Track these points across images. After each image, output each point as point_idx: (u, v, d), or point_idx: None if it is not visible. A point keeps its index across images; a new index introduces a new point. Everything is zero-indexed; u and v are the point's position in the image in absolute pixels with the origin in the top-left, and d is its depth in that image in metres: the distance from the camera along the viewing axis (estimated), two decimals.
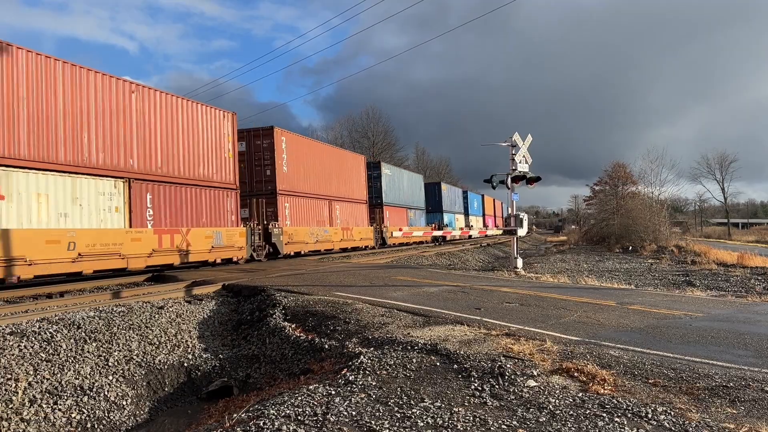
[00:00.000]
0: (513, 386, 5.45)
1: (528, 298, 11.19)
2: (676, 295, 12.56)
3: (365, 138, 70.96)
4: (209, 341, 10.13)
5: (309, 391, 5.62)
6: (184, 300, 11.84)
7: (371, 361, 6.54)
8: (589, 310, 9.74)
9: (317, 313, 9.86)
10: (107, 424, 7.33)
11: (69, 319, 9.16)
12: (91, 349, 8.42)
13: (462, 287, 12.84)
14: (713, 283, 21.66)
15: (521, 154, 19.53)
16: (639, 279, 23.33)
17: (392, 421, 4.67)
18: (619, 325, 8.40)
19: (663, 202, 50.29)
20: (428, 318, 8.96)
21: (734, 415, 4.67)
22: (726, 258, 31.01)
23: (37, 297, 12.42)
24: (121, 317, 9.61)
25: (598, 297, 11.36)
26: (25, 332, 8.30)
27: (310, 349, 8.53)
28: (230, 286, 13.27)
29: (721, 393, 5.18)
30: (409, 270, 18.35)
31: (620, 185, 62.09)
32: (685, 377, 5.65)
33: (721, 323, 8.55)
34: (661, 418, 4.56)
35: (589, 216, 77.70)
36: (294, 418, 4.86)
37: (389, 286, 13.15)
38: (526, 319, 8.88)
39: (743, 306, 10.63)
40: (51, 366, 7.71)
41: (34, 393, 7.12)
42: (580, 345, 7.04)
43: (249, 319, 11.03)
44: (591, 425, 4.46)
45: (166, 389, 8.62)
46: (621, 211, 53.72)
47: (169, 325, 9.94)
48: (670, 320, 8.79)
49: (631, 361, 6.25)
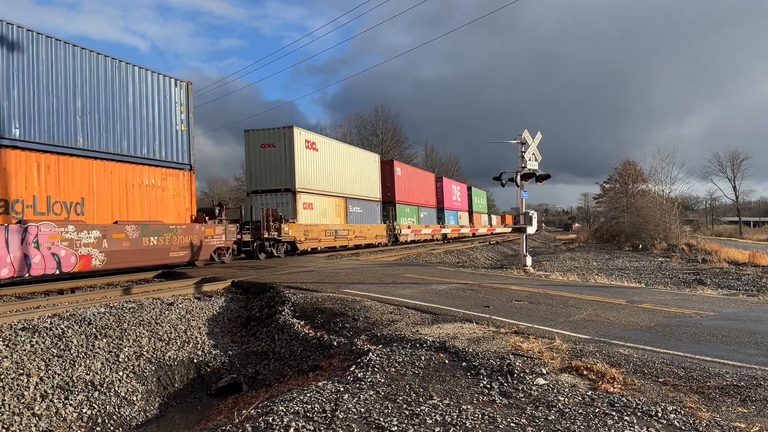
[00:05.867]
0: (522, 384, 5.44)
1: (537, 296, 11.15)
2: (687, 294, 12.46)
3: (374, 136, 70.87)
4: (218, 338, 10.18)
5: (318, 388, 5.63)
6: (194, 297, 11.91)
7: (380, 358, 6.55)
8: (598, 308, 9.69)
9: (326, 310, 9.88)
10: (117, 420, 7.39)
11: (80, 315, 9.24)
12: (102, 344, 8.49)
13: (471, 285, 12.81)
14: (724, 282, 21.50)
15: (531, 151, 19.44)
16: (649, 277, 23.20)
17: (401, 418, 4.68)
18: (628, 323, 8.36)
19: (673, 200, 49.90)
20: (437, 316, 8.95)
21: (745, 414, 4.63)
22: (737, 256, 30.75)
23: (48, 293, 12.53)
24: (132, 313, 9.68)
25: (608, 295, 11.30)
26: (37, 328, 8.38)
27: (319, 346, 8.56)
28: (239, 283, 13.32)
29: (732, 392, 5.14)
30: (417, 268, 18.33)
31: (630, 183, 61.76)
32: (695, 376, 5.61)
33: (732, 322, 8.48)
34: (671, 417, 4.53)
35: (599, 214, 77.34)
36: (303, 414, 4.87)
37: (398, 283, 13.15)
38: (535, 317, 8.85)
39: (755, 305, 10.54)
40: (62, 361, 7.79)
41: (45, 388, 7.20)
42: (590, 343, 7.01)
43: (258, 315, 11.08)
44: (600, 424, 4.44)
45: (176, 385, 8.67)
46: (631, 209, 53.40)
47: (179, 322, 10.00)
48: (680, 319, 8.73)
49: (641, 359, 6.21)
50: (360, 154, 31.85)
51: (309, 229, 24.07)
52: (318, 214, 25.67)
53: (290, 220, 22.71)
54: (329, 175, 27.07)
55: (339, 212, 27.93)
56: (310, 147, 25.30)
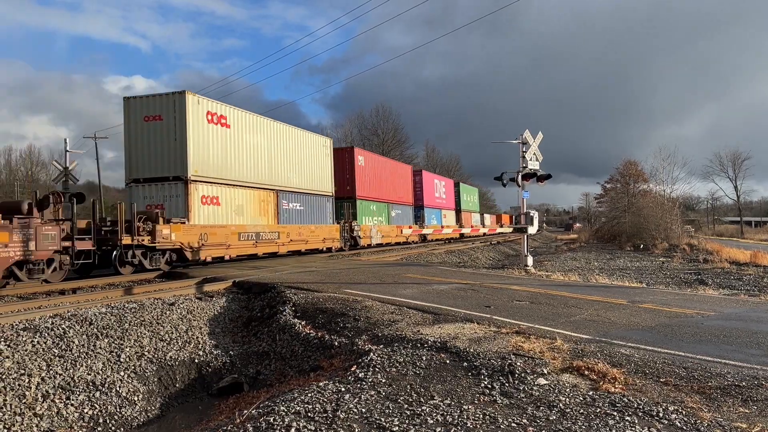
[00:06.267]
0: (523, 384, 5.44)
1: (538, 296, 11.15)
2: (688, 294, 12.46)
3: (375, 136, 70.89)
4: (220, 338, 10.19)
5: (319, 388, 5.64)
6: (195, 297, 11.91)
7: (381, 358, 6.55)
8: (599, 308, 9.69)
9: (327, 311, 9.89)
10: (119, 420, 7.39)
11: (81, 315, 9.25)
12: (103, 345, 8.50)
13: (472, 285, 12.81)
14: (725, 282, 21.48)
15: (532, 151, 19.44)
16: (650, 277, 23.18)
17: (402, 419, 4.68)
18: (630, 323, 8.35)
19: (675, 200, 49.91)
20: (438, 316, 8.95)
21: (746, 414, 4.63)
22: (738, 256, 30.74)
23: (50, 293, 12.54)
24: (133, 314, 9.69)
25: (609, 295, 11.29)
26: (38, 328, 8.39)
27: (320, 346, 8.56)
28: (241, 283, 13.32)
29: (734, 392, 5.13)
30: (418, 268, 18.34)
31: (632, 183, 61.73)
32: (696, 376, 5.61)
33: (734, 322, 8.47)
34: (673, 417, 4.53)
35: (600, 214, 77.30)
36: (304, 414, 4.88)
37: (399, 283, 13.15)
38: (537, 317, 8.85)
39: (756, 305, 10.53)
40: (63, 361, 7.79)
41: (47, 388, 7.20)
42: (591, 343, 7.00)
43: (259, 315, 11.08)
44: (601, 424, 4.43)
45: (177, 385, 8.68)
46: (632, 209, 53.38)
47: (180, 322, 10.00)
48: (681, 319, 8.72)
49: (643, 359, 6.21)
50: (302, 137, 24.95)
51: (209, 231, 17.96)
52: (227, 212, 19.39)
53: (177, 220, 16.89)
54: (249, 160, 20.75)
55: (266, 209, 21.70)
56: (216, 121, 18.98)
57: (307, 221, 24.49)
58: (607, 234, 58.13)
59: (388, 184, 34.60)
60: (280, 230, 22.01)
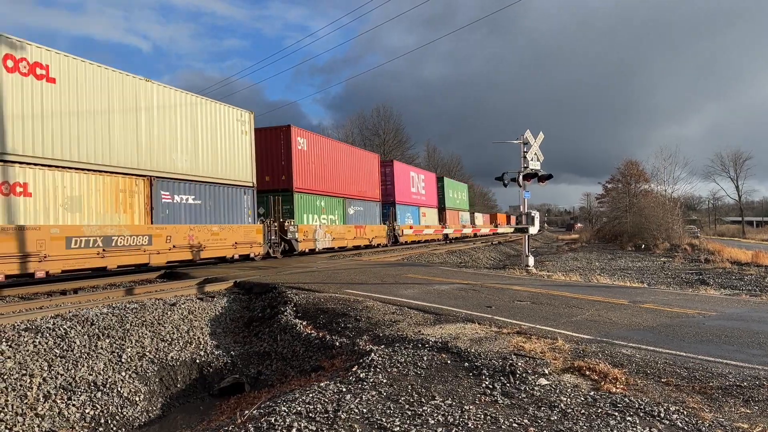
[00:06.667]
0: (524, 384, 5.44)
1: (539, 296, 11.14)
2: (690, 294, 12.44)
3: (376, 136, 70.93)
4: (221, 338, 10.19)
5: (320, 389, 5.64)
6: (196, 297, 11.92)
7: (382, 358, 6.55)
8: (601, 308, 9.68)
9: (328, 311, 9.89)
10: (120, 420, 7.40)
11: (83, 315, 9.26)
12: (105, 345, 8.51)
13: (473, 285, 12.81)
14: (727, 282, 21.47)
15: (533, 151, 19.45)
16: (652, 277, 23.16)
17: (403, 419, 4.68)
18: (631, 323, 8.34)
19: (676, 200, 49.87)
20: (439, 316, 8.95)
21: (748, 414, 4.63)
22: (740, 256, 30.72)
23: (51, 294, 12.56)
24: (134, 314, 9.70)
25: (610, 295, 11.28)
26: (40, 328, 8.40)
27: (321, 347, 8.56)
28: (242, 283, 13.33)
29: (735, 392, 5.13)
30: (419, 268, 18.33)
31: (633, 183, 61.75)
32: (698, 376, 5.60)
33: (735, 322, 8.46)
34: (674, 418, 4.52)
35: (602, 214, 77.29)
36: (305, 415, 4.88)
37: (400, 283, 13.15)
38: (538, 317, 8.85)
39: (758, 305, 10.52)
40: (65, 362, 7.80)
41: (48, 388, 7.21)
42: (592, 343, 7.00)
43: (260, 316, 11.09)
44: (603, 424, 4.43)
45: (179, 385, 8.68)
46: (633, 209, 53.38)
47: (182, 322, 10.01)
48: (683, 319, 8.71)
49: (644, 359, 6.20)
50: (201, 106, 18.43)
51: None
52: (48, 207, 13.15)
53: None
54: (96, 132, 14.53)
55: (128, 204, 15.42)
56: (27, 71, 12.83)
57: (207, 220, 18.24)
58: (609, 234, 58.13)
59: (345, 175, 28.48)
60: (153, 233, 15.61)
